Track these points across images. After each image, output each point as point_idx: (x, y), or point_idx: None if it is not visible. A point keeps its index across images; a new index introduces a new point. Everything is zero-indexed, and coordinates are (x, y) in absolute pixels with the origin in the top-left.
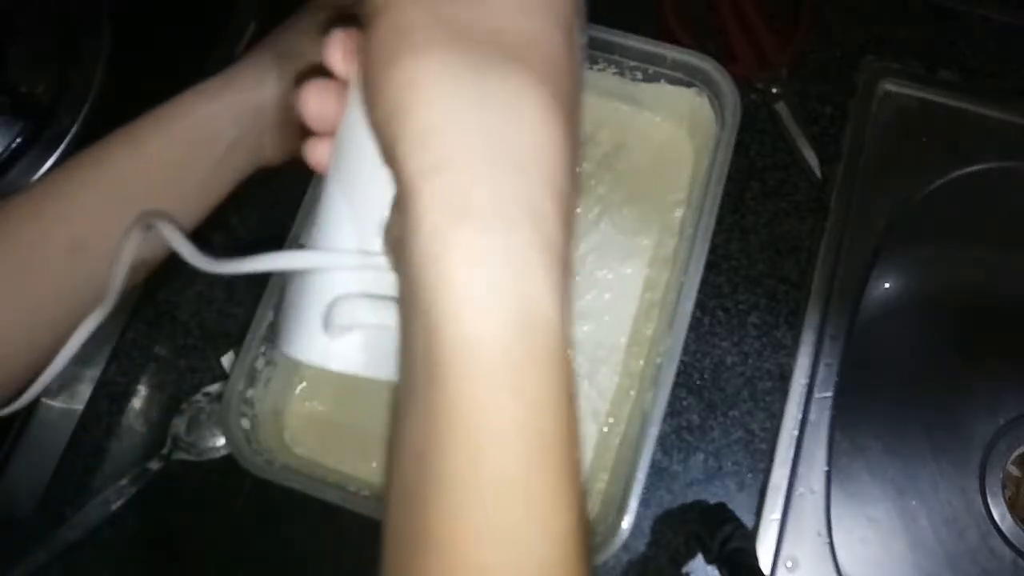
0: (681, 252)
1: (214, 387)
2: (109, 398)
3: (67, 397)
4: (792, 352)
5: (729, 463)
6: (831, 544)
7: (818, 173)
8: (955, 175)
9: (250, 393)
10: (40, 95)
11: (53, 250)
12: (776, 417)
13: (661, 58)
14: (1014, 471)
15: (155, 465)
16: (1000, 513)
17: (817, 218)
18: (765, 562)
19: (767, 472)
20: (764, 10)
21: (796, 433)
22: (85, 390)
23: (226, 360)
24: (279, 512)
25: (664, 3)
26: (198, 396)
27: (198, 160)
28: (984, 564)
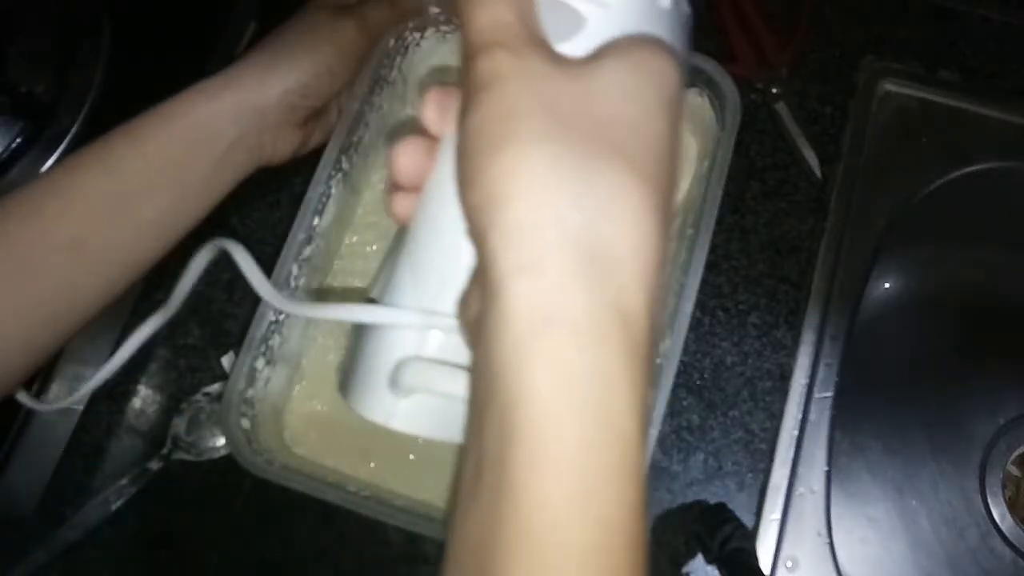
0: (681, 252)
1: (214, 387)
2: (109, 398)
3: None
4: (792, 352)
5: (729, 463)
6: (831, 544)
7: (818, 173)
8: (955, 175)
9: (250, 393)
10: (40, 95)
11: (53, 247)
12: (776, 417)
13: None
14: (1014, 471)
15: (155, 465)
16: (1000, 513)
17: (817, 218)
18: (765, 562)
19: (767, 472)
20: (764, 10)
21: (796, 433)
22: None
23: (226, 360)
24: (279, 512)
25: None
26: (198, 396)
27: (198, 159)
28: (984, 564)
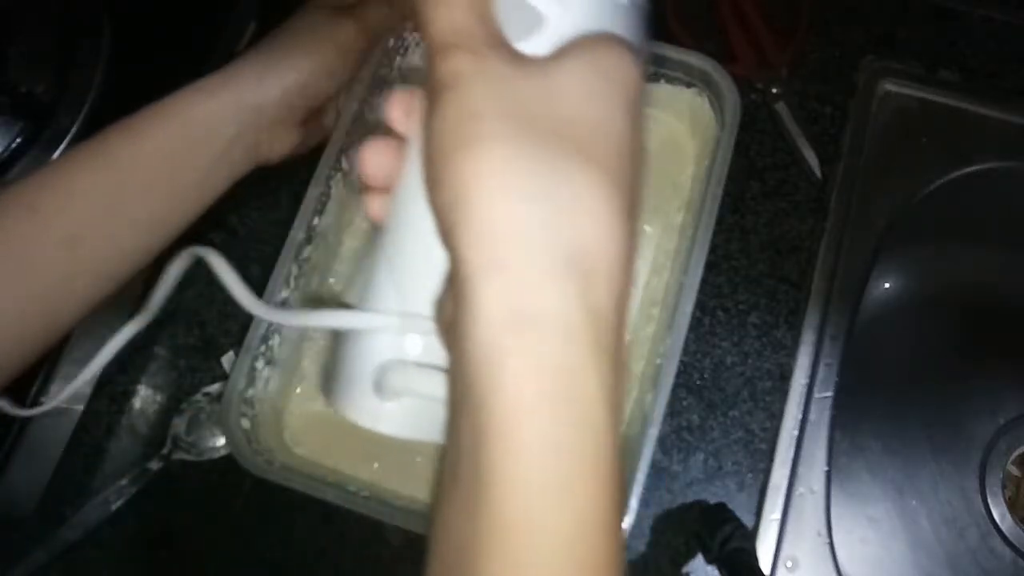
0: (681, 252)
1: (214, 387)
2: (109, 398)
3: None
4: (792, 352)
5: (729, 463)
6: (831, 544)
7: (818, 173)
8: (955, 175)
9: (250, 393)
10: (40, 95)
11: (49, 242)
12: (776, 417)
13: (661, 58)
14: (1014, 471)
15: (155, 465)
16: (1000, 513)
17: (817, 218)
18: (765, 562)
19: (767, 472)
20: (764, 10)
21: (796, 433)
22: (85, 390)
23: (226, 360)
24: (279, 512)
25: (664, 3)
26: (198, 396)
27: (196, 156)
28: (984, 564)
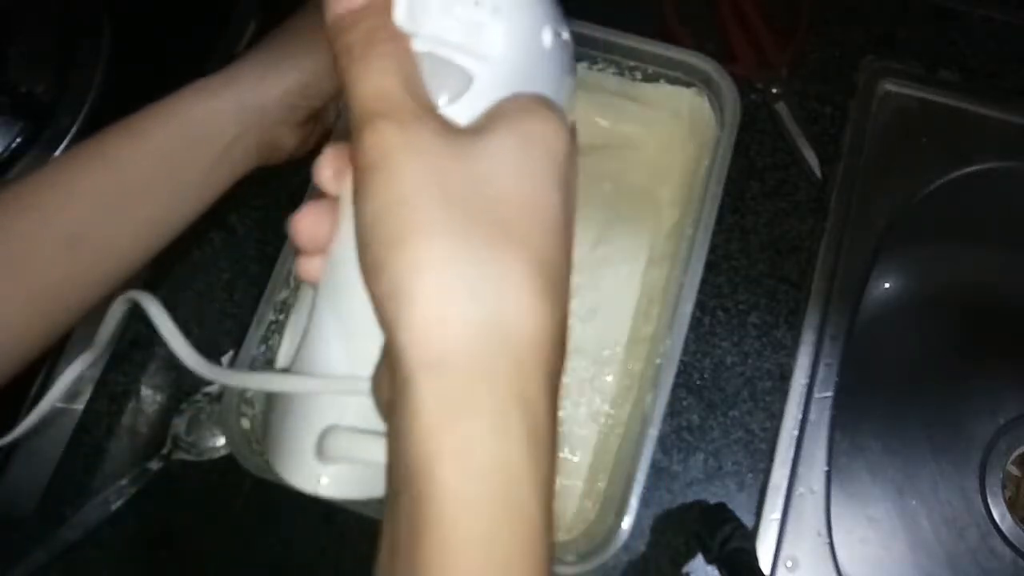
0: (681, 252)
1: (214, 387)
2: (109, 398)
3: (67, 397)
4: (792, 352)
5: (729, 463)
6: (831, 544)
7: (818, 173)
8: (955, 175)
9: (250, 393)
10: (40, 95)
11: (50, 242)
12: (776, 417)
13: (661, 58)
14: (1014, 471)
15: (155, 465)
16: (1000, 513)
17: (817, 218)
18: (765, 562)
19: (767, 472)
20: (764, 10)
21: (796, 433)
22: (85, 390)
23: (226, 360)
24: (279, 512)
25: (664, 3)
26: (198, 396)
27: (197, 156)
28: (984, 564)
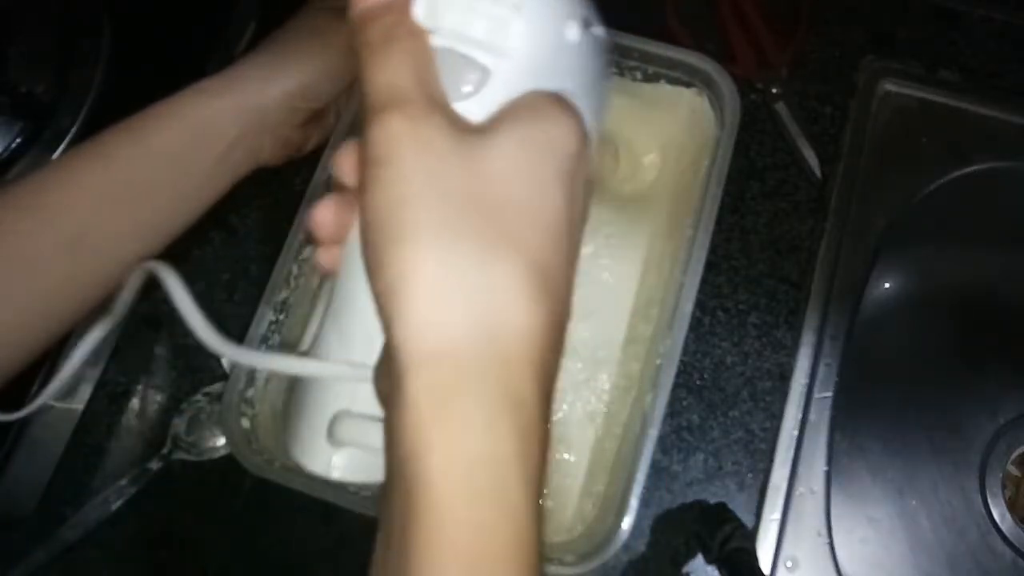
0: (681, 252)
1: (214, 387)
2: (109, 398)
3: (67, 397)
4: (792, 352)
5: (729, 463)
6: (831, 544)
7: (818, 173)
8: (955, 175)
9: (250, 393)
10: (40, 95)
11: (51, 242)
12: (776, 417)
13: (661, 58)
14: (1014, 471)
15: (155, 465)
16: (1000, 513)
17: (817, 218)
18: (765, 562)
19: (767, 472)
20: (764, 10)
21: (796, 433)
22: (85, 390)
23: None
24: (279, 512)
25: (664, 3)
26: (198, 396)
27: (198, 157)
28: (984, 564)
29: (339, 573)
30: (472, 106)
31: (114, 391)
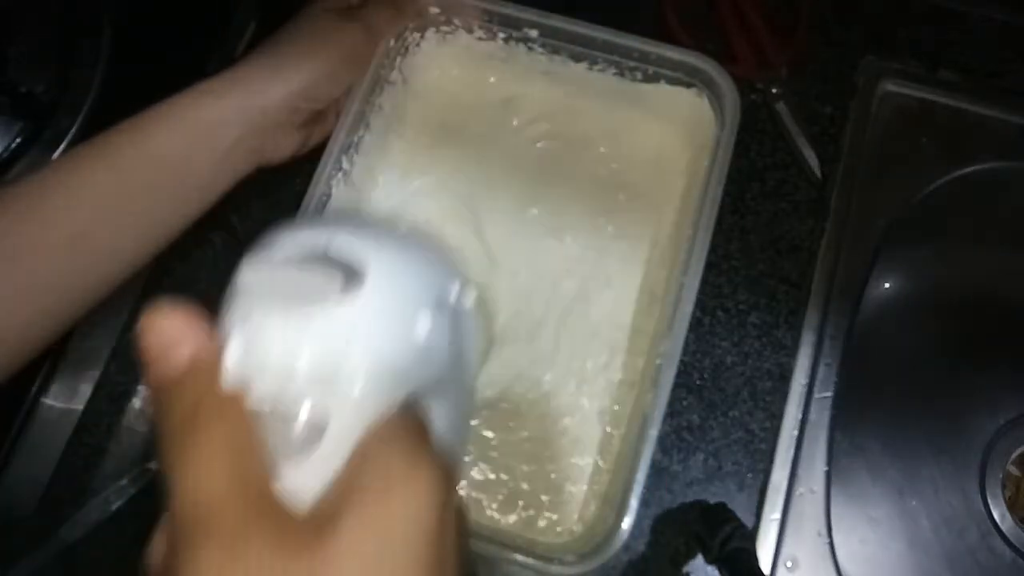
0: (681, 252)
1: None
2: (109, 398)
3: (67, 397)
4: (792, 352)
5: (729, 463)
6: (831, 544)
7: (818, 173)
8: (955, 175)
9: None
10: (40, 95)
11: (52, 242)
12: (776, 417)
13: (661, 58)
14: (1014, 471)
15: (155, 465)
16: (1000, 513)
17: (817, 218)
18: (765, 562)
19: (767, 472)
20: (764, 10)
21: (796, 433)
22: (85, 390)
23: None
24: None
25: (664, 3)
26: None
27: (200, 157)
28: (984, 564)
29: None
30: (307, 472)
31: (114, 391)
